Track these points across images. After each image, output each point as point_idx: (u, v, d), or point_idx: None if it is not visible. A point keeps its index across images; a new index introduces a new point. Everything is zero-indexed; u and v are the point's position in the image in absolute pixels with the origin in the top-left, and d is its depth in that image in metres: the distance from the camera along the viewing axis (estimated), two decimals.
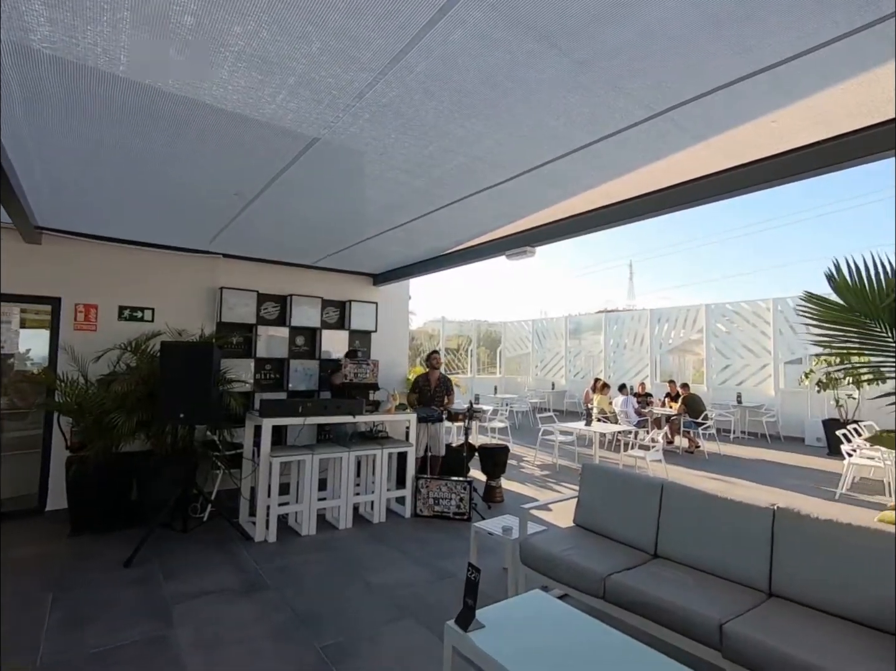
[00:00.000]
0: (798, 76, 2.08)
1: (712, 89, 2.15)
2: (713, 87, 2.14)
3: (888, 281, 1.90)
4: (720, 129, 2.56)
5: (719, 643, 2.14)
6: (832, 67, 2.02)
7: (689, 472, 7.17)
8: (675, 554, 2.87)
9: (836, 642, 2.04)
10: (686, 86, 2.15)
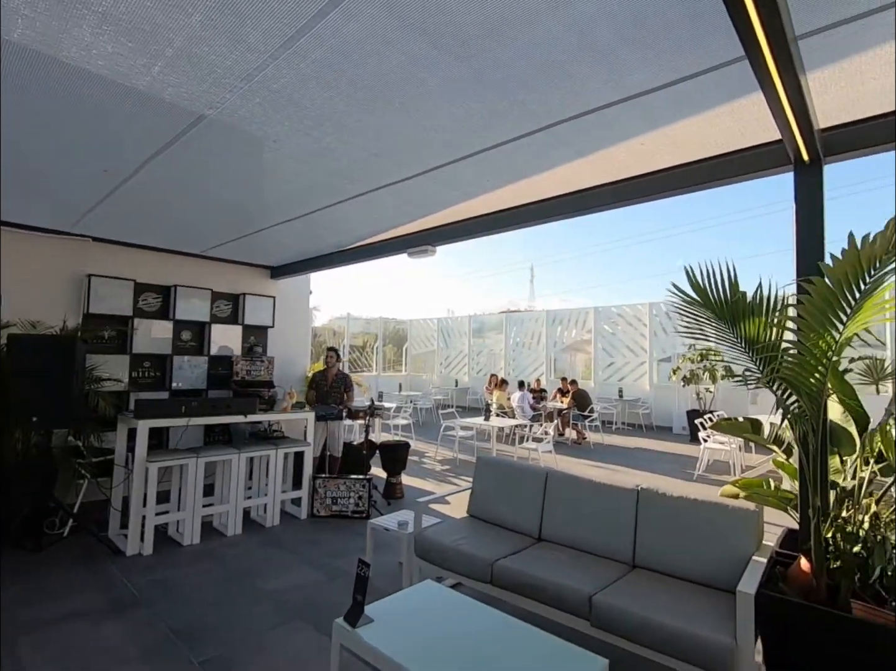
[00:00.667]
0: (660, 106, 2.35)
1: (589, 110, 2.36)
2: (589, 108, 2.34)
3: (733, 287, 2.22)
4: (598, 147, 2.82)
5: (589, 614, 2.36)
6: (688, 101, 2.32)
7: (577, 461, 7.77)
8: (556, 536, 3.11)
9: (685, 603, 2.34)
10: (567, 104, 2.34)
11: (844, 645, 1.92)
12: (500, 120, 2.49)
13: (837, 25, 1.82)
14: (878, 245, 1.74)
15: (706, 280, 2.33)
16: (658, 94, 2.23)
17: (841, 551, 2.07)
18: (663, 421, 11.51)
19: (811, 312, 2.01)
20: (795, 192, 2.51)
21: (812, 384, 2.11)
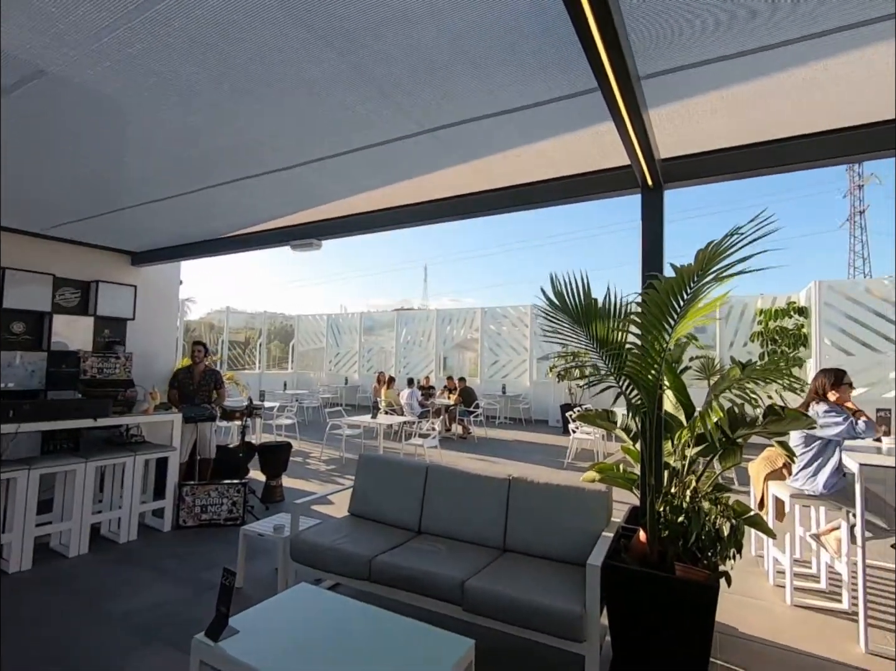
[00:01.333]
0: (532, 123, 2.54)
1: (467, 119, 2.47)
2: (466, 118, 2.45)
3: (586, 294, 2.47)
4: (478, 155, 2.96)
5: (462, 599, 2.48)
6: (556, 121, 2.53)
7: (461, 455, 8.08)
8: (435, 528, 3.21)
9: (546, 580, 2.56)
10: (445, 111, 2.42)
11: (670, 599, 2.25)
12: (381, 118, 2.51)
13: (675, 71, 2.12)
14: (694, 265, 2.08)
15: (564, 287, 2.58)
16: (529, 111, 2.41)
17: (668, 522, 2.43)
18: (541, 415, 12.41)
19: (649, 317, 2.32)
20: (642, 212, 2.87)
21: (650, 379, 2.44)
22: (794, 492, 3.36)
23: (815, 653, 2.72)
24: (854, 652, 2.72)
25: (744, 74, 2.15)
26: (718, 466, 2.92)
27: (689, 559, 2.37)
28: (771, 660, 2.64)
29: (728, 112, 2.45)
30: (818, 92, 2.27)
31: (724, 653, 2.68)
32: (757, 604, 3.24)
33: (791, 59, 2.03)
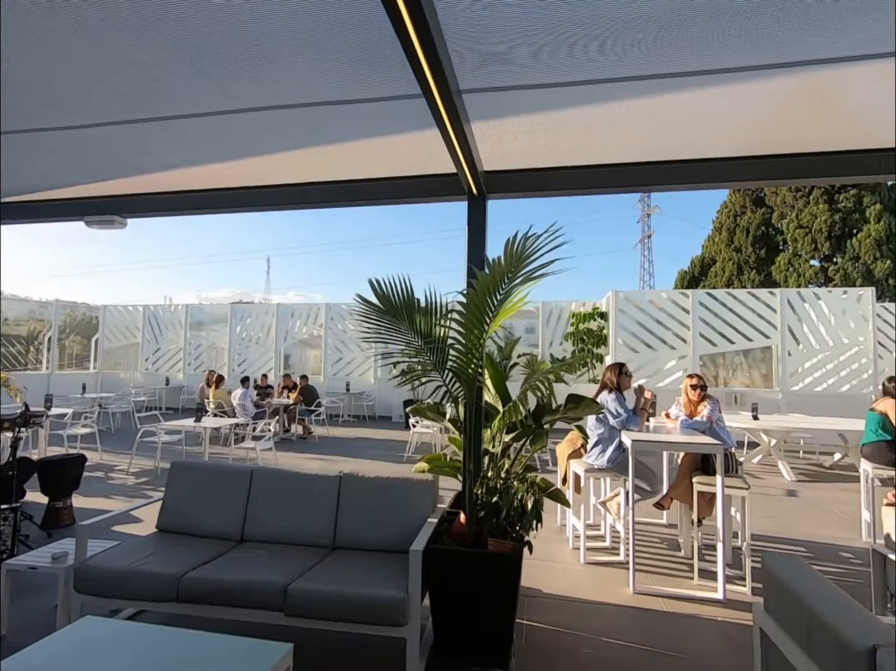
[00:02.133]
0: (364, 117, 2.55)
1: (289, 104, 2.37)
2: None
3: (410, 295, 2.57)
4: (309, 143, 2.87)
5: (284, 604, 2.38)
6: (381, 120, 2.58)
7: (299, 456, 7.75)
8: (260, 534, 3.02)
9: (374, 571, 2.60)
10: (261, 94, 2.29)
11: (482, 573, 2.47)
12: (186, 88, 2.26)
13: (496, 90, 2.32)
14: (504, 265, 2.32)
15: (389, 289, 2.66)
16: (361, 106, 2.41)
17: (484, 502, 2.66)
18: (385, 411, 12.56)
19: (469, 315, 2.51)
20: (468, 218, 3.10)
21: (470, 373, 2.65)
22: (588, 468, 3.97)
23: (599, 599, 3.25)
24: (625, 593, 3.32)
25: (558, 103, 2.45)
26: (530, 449, 3.31)
27: (500, 534, 2.63)
28: (566, 612, 3.08)
29: (544, 135, 2.77)
30: (617, 128, 2.71)
31: (530, 614, 3.04)
32: (558, 567, 3.75)
33: (599, 96, 2.37)
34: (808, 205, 15.67)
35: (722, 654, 2.65)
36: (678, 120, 2.63)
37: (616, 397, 3.95)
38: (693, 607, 3.16)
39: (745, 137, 2.84)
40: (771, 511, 5.27)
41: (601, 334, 11.18)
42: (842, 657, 1.30)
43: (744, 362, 11.27)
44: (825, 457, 8.06)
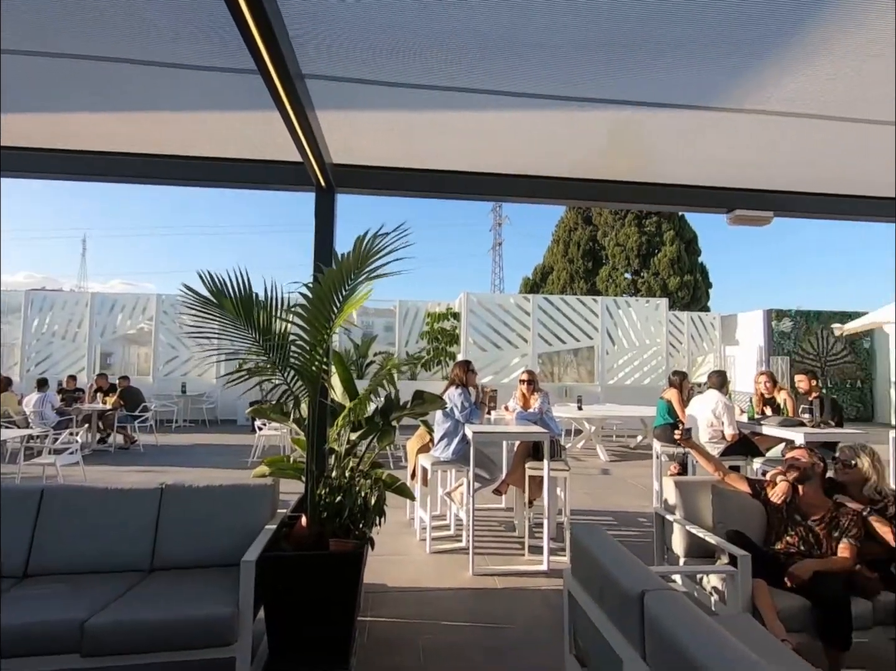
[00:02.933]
0: (197, 87, 2.30)
1: (110, 58, 2.04)
2: (110, 56, 2.03)
3: (247, 288, 2.40)
4: (130, 107, 2.49)
5: (80, 644, 2.02)
6: (210, 93, 2.36)
7: (118, 470, 6.70)
8: (52, 565, 2.53)
9: (201, 589, 2.34)
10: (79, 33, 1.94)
11: (323, 575, 2.40)
12: None
13: (344, 81, 2.26)
14: (351, 261, 2.30)
15: (224, 282, 2.46)
16: (192, 73, 2.16)
17: (327, 503, 2.60)
18: (229, 414, 11.52)
19: (313, 311, 2.43)
20: (316, 211, 2.99)
21: (314, 370, 2.56)
22: (434, 461, 4.13)
23: (441, 586, 3.40)
24: (465, 576, 3.53)
25: (407, 104, 2.48)
26: (377, 446, 3.32)
27: (343, 534, 2.59)
28: (409, 603, 3.16)
29: (395, 135, 2.79)
30: (468, 138, 2.84)
31: (375, 609, 3.05)
32: (404, 560, 3.83)
33: (448, 104, 2.46)
34: (623, 226, 18.50)
35: (544, 618, 2.98)
36: (522, 137, 2.87)
37: (462, 392, 4.18)
38: (522, 580, 3.49)
39: (579, 161, 3.21)
40: (589, 488, 6.09)
41: (454, 333, 11.75)
42: (622, 603, 1.55)
43: (574, 360, 12.85)
44: (631, 439, 9.59)
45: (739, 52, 2.00)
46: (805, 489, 2.72)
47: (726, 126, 2.64)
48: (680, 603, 1.41)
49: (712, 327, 13.09)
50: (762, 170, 3.19)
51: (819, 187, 3.47)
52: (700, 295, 17.79)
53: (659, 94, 2.35)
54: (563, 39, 1.95)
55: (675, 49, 1.99)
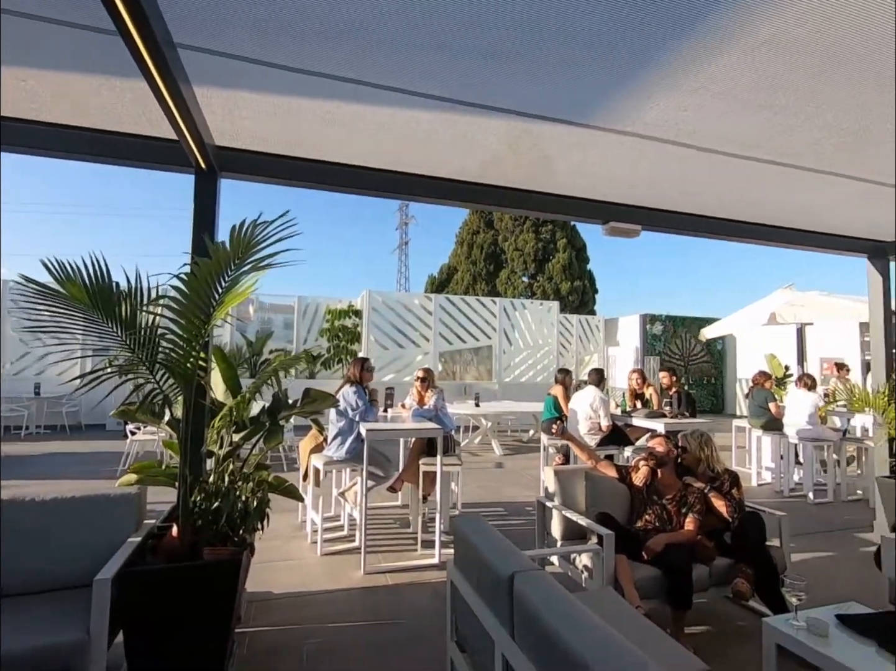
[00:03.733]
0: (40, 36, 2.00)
1: None
2: None
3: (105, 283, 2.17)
4: None
5: None
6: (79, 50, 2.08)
7: None
8: None
9: (51, 613, 2.06)
10: None
11: (194, 588, 2.22)
12: None
13: (222, 56, 2.11)
14: (230, 250, 2.16)
15: (76, 271, 2.20)
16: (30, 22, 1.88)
17: (203, 510, 2.41)
18: (96, 418, 10.21)
19: (187, 303, 2.24)
20: (195, 195, 2.76)
21: (189, 367, 2.36)
22: (327, 460, 4.02)
23: (332, 587, 3.32)
24: (357, 576, 3.48)
25: (292, 90, 2.38)
26: (264, 447, 3.15)
27: (220, 541, 2.42)
28: (296, 608, 3.04)
29: (279, 119, 2.66)
30: (359, 131, 2.78)
31: (258, 619, 2.90)
32: (293, 564, 3.68)
33: (343, 94, 2.39)
34: (522, 232, 19.49)
35: (433, 610, 3.03)
36: (419, 137, 2.88)
37: (357, 390, 4.12)
38: (413, 575, 3.53)
39: (476, 165, 3.30)
40: (483, 481, 6.32)
41: (355, 331, 11.54)
42: (495, 587, 1.63)
43: (473, 359, 13.26)
44: (523, 433, 10.14)
45: (608, 72, 2.20)
46: (662, 472, 3.08)
47: (599, 143, 2.90)
48: (544, 582, 1.52)
49: (597, 329, 14.29)
50: (632, 187, 3.56)
51: (680, 206, 3.95)
52: (588, 299, 19.31)
53: (545, 106, 2.51)
54: (462, 43, 2.00)
55: (556, 63, 2.13)
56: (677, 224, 4.11)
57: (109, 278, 2.22)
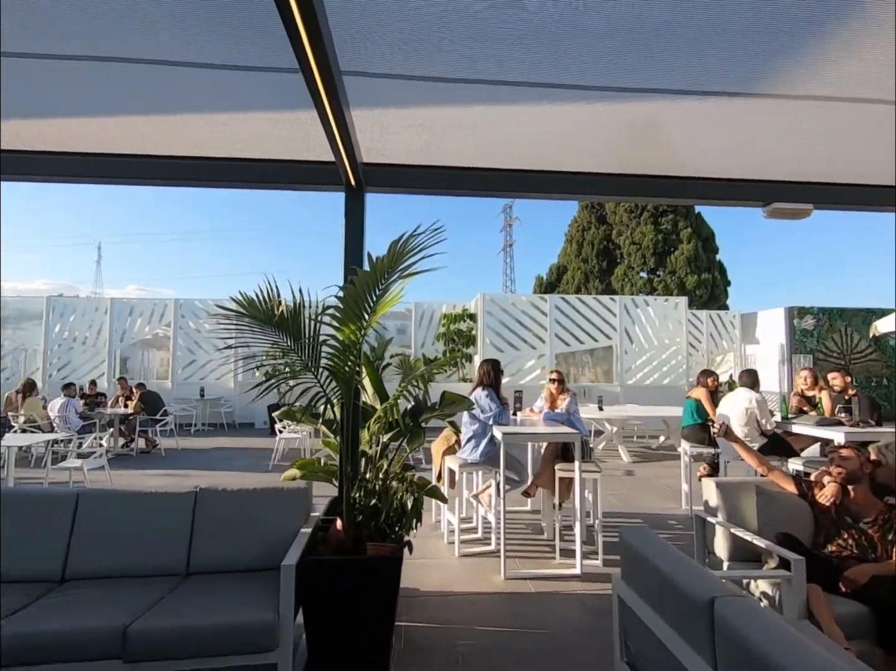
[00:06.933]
0: (236, 89, 2.28)
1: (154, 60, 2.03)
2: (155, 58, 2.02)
3: (275, 300, 2.40)
4: (173, 109, 2.49)
5: (123, 650, 2.00)
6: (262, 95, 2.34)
7: (143, 474, 6.75)
8: (90, 570, 2.52)
9: (239, 593, 2.31)
10: (127, 38, 1.93)
11: (361, 580, 2.36)
12: None
13: (377, 77, 2.22)
14: (385, 263, 2.26)
15: (258, 294, 2.46)
16: (231, 73, 2.14)
17: (362, 506, 2.56)
18: (246, 418, 11.57)
19: (346, 311, 2.39)
20: (346, 211, 2.96)
21: (346, 371, 2.52)
22: (462, 462, 4.07)
23: (473, 590, 3.34)
24: (497, 580, 3.47)
25: (439, 99, 2.44)
26: (407, 448, 3.28)
27: (380, 537, 2.55)
28: (442, 608, 3.10)
29: (424, 130, 2.75)
30: (495, 132, 2.79)
31: (409, 614, 3.01)
32: (435, 564, 3.78)
33: (480, 97, 2.41)
34: (639, 225, 18.29)
35: (581, 623, 2.90)
36: (539, 130, 2.80)
37: (489, 394, 4.12)
38: (555, 584, 3.42)
39: (603, 155, 3.15)
40: (613, 489, 5.98)
41: (470, 335, 11.69)
42: (688, 610, 1.48)
43: (590, 360, 12.73)
44: (652, 439, 9.45)
45: (778, 37, 1.93)
46: (855, 490, 2.62)
47: (764, 114, 2.56)
48: (754, 609, 1.34)
49: (732, 326, 12.87)
50: (801, 161, 3.10)
51: (861, 178, 3.36)
52: (718, 293, 17.52)
53: (690, 81, 2.28)
54: (584, 27, 1.89)
55: (707, 34, 1.92)
56: (854, 198, 3.51)
57: (279, 296, 2.45)
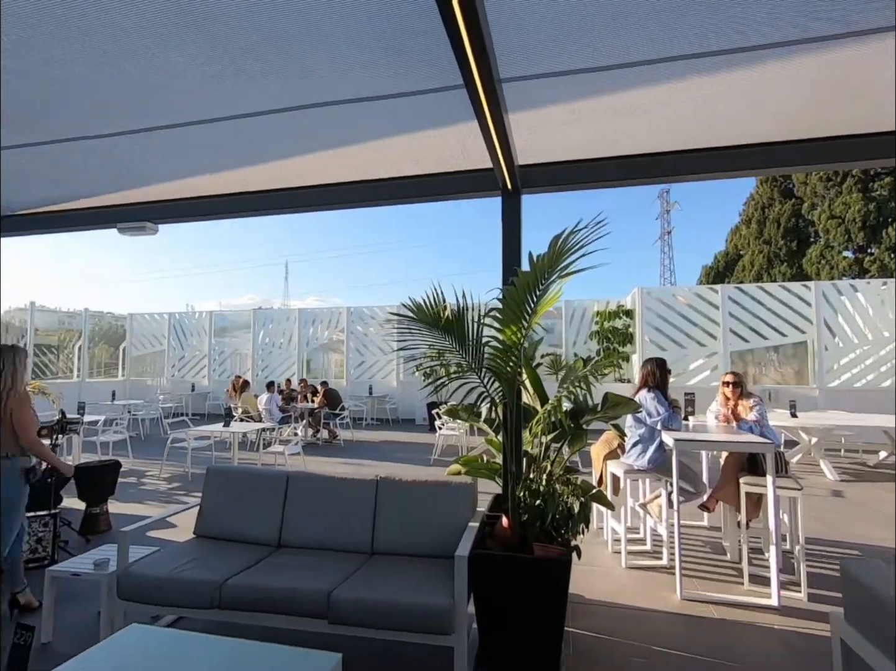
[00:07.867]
0: (398, 113, 2.50)
1: (329, 101, 2.33)
2: (329, 99, 2.32)
3: (441, 305, 2.53)
4: (344, 142, 2.83)
5: (327, 611, 2.32)
6: (423, 114, 2.52)
7: (327, 460, 7.75)
8: (298, 540, 2.98)
9: (415, 578, 2.52)
10: (304, 89, 2.25)
11: (530, 578, 2.38)
12: (225, 88, 2.24)
13: (532, 78, 2.23)
14: (546, 261, 2.24)
15: (425, 300, 2.64)
16: (393, 101, 2.35)
17: (527, 506, 2.57)
18: (408, 414, 12.52)
19: (507, 312, 2.43)
20: (502, 215, 3.02)
21: (509, 371, 2.56)
22: (627, 468, 3.84)
23: (645, 606, 3.12)
24: (673, 599, 3.19)
25: (592, 90, 2.36)
26: (568, 450, 3.21)
27: (545, 538, 2.54)
28: (611, 619, 2.96)
29: (579, 125, 2.68)
30: (658, 113, 2.60)
31: (576, 621, 2.93)
32: (599, 571, 3.63)
33: (637, 80, 2.28)
34: (840, 194, 15.15)
35: (784, 664, 2.51)
36: (704, 105, 2.50)
37: (656, 396, 3.81)
38: (746, 614, 3.01)
39: (771, 122, 2.69)
40: (817, 512, 5.04)
41: (627, 332, 10.96)
42: None
43: (775, 358, 10.94)
44: (869, 455, 7.73)
45: None
46: None
47: None
48: None
49: None
50: None
51: None
52: None
53: None
54: None
55: None
56: None
57: (444, 300, 2.60)
